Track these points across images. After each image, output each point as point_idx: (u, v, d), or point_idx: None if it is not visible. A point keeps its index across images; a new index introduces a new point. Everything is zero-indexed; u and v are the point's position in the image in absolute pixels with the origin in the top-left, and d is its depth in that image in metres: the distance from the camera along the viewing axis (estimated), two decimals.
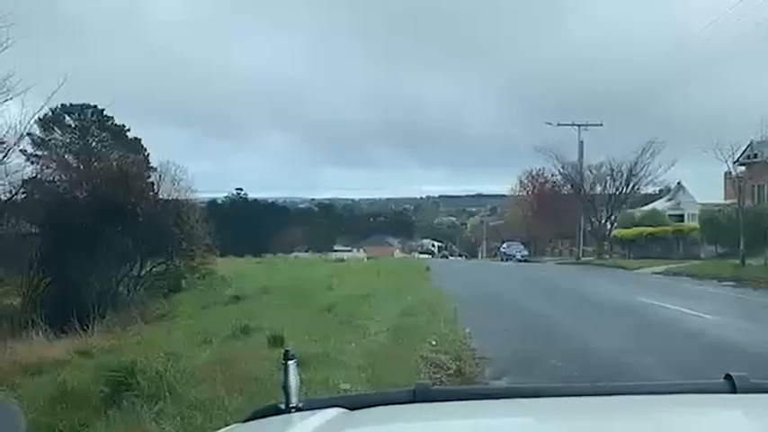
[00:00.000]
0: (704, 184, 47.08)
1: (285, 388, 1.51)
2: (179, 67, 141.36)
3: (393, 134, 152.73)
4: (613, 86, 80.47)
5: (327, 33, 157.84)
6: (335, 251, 63.58)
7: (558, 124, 44.13)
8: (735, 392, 1.53)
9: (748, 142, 32.00)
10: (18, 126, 19.97)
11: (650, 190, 46.48)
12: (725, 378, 1.57)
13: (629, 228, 43.16)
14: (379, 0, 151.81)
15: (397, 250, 77.12)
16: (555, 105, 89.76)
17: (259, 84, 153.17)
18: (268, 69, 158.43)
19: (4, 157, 19.96)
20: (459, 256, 75.01)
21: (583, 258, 41.49)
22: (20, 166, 23.58)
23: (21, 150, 24.71)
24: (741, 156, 29.84)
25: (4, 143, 19.42)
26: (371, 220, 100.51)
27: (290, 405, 1.50)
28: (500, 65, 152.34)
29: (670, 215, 45.22)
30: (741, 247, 26.27)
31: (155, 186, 25.05)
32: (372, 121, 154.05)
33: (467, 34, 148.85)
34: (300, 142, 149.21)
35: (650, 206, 48.21)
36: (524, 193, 58.21)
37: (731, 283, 21.48)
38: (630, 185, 43.00)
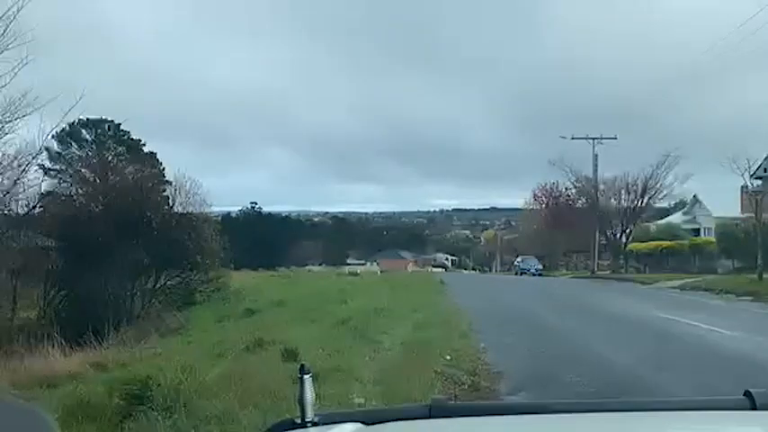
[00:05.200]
0: (720, 198, 46.77)
1: (301, 402, 1.51)
2: (191, 85, 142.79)
3: (406, 149, 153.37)
4: (628, 100, 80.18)
5: (337, 51, 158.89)
6: (349, 265, 63.48)
7: (573, 138, 44.02)
8: (755, 409, 1.49)
9: (765, 155, 31.71)
10: (36, 141, 20.14)
11: (666, 203, 46.25)
12: (744, 394, 1.53)
13: (645, 241, 42.86)
14: (389, 16, 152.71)
15: (411, 264, 76.87)
16: (569, 119, 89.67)
17: (274, 100, 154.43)
18: (284, 86, 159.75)
19: (23, 171, 20.14)
20: (474, 269, 74.66)
21: (598, 272, 41.17)
22: (37, 180, 23.76)
23: (38, 165, 24.89)
24: (758, 169, 29.54)
25: (21, 158, 19.59)
26: (385, 233, 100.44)
27: (306, 419, 1.49)
28: (514, 77, 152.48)
29: (686, 229, 44.92)
30: (758, 262, 26.01)
31: (170, 200, 25.17)
32: (385, 136, 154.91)
33: (478, 47, 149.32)
34: (315, 157, 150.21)
35: (666, 220, 47.91)
36: (538, 207, 57.91)
37: (749, 298, 21.23)
38: (646, 199, 42.79)
